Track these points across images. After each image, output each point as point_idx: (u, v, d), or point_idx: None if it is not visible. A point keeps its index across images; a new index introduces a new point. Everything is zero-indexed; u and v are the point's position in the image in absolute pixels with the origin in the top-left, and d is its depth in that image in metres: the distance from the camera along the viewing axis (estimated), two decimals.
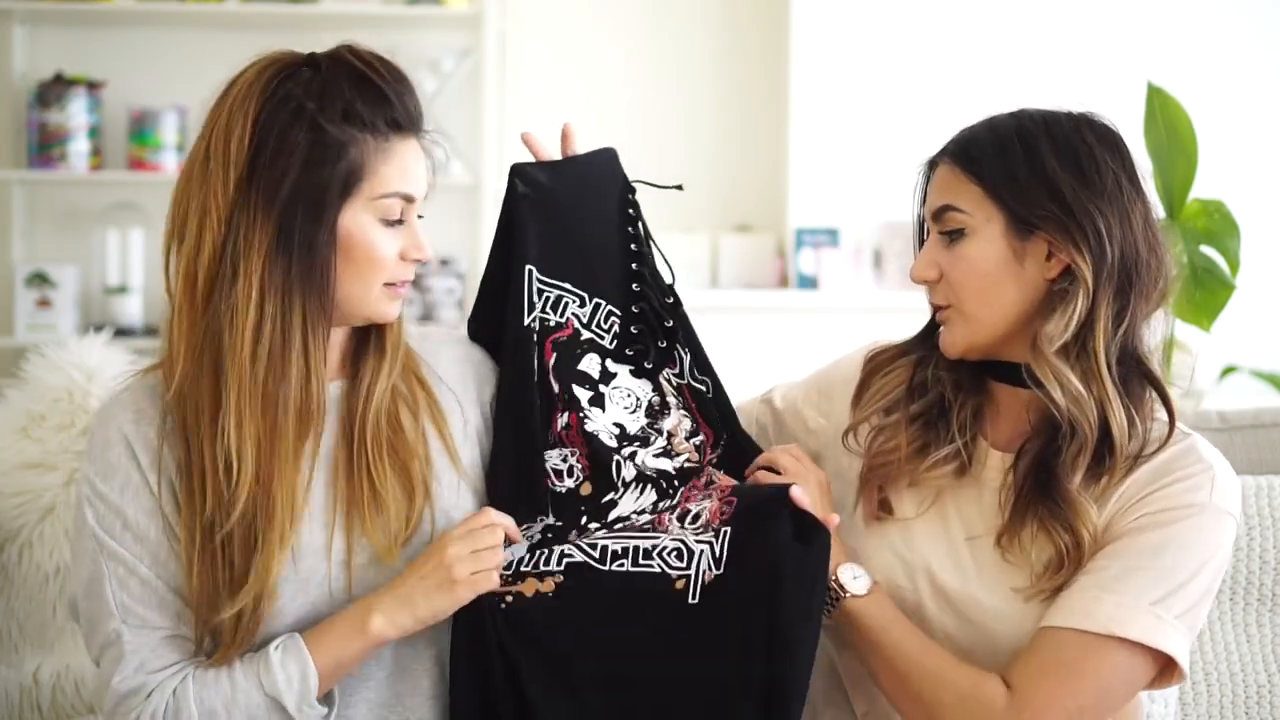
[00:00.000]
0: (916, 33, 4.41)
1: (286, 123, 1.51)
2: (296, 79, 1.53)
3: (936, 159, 1.64)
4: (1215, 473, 1.55)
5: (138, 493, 1.52)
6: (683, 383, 1.72)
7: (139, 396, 1.56)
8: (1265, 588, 2.04)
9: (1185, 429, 1.59)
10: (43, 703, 2.08)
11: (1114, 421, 1.52)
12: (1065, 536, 1.52)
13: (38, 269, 4.35)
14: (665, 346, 1.71)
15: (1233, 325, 2.76)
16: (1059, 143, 1.56)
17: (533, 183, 1.70)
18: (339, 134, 1.51)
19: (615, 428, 1.67)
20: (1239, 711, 2.03)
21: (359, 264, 1.54)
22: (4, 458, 2.11)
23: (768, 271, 4.43)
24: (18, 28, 4.44)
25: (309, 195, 1.50)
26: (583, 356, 1.69)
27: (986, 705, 1.50)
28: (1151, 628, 1.49)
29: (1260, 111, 4.42)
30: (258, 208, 1.50)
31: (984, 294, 1.58)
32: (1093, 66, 4.30)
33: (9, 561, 2.09)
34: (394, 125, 1.54)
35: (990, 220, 1.57)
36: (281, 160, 1.50)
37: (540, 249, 1.69)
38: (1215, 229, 2.58)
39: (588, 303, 1.71)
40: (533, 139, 1.74)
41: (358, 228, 1.53)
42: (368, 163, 1.52)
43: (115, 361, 2.17)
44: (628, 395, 1.69)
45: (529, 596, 1.59)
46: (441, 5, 4.37)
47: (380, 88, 1.53)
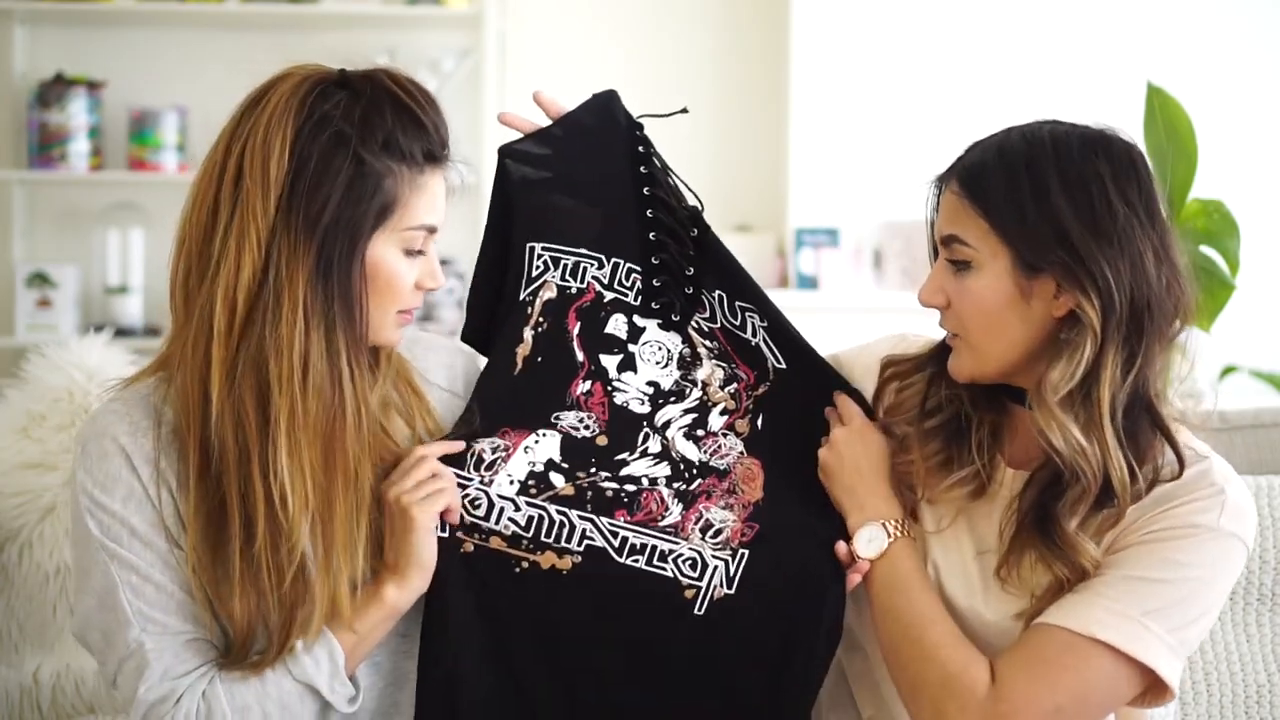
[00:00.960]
0: (917, 33, 4.41)
1: (327, 149, 1.49)
2: (331, 100, 1.50)
3: (945, 177, 1.58)
4: (1227, 497, 1.51)
5: (140, 504, 1.50)
6: (715, 326, 1.70)
7: (131, 407, 1.53)
8: (1265, 588, 2.04)
9: (1203, 451, 1.56)
10: (43, 703, 2.07)
11: (1114, 475, 1.49)
12: (1064, 569, 1.51)
13: (38, 269, 4.35)
14: (692, 293, 1.69)
15: (1233, 325, 2.76)
16: (1069, 177, 1.49)
17: (527, 158, 1.68)
18: (378, 165, 1.50)
19: (649, 388, 1.66)
20: (1239, 711, 2.02)
21: (380, 293, 1.53)
22: (4, 458, 2.11)
23: (768, 271, 4.43)
24: (18, 28, 4.44)
25: (348, 225, 1.49)
26: (608, 319, 1.68)
27: (966, 690, 1.50)
28: (1135, 636, 1.47)
29: (1260, 111, 4.42)
30: (299, 234, 1.48)
31: (989, 329, 1.54)
32: (1093, 66, 4.30)
33: (9, 561, 2.09)
34: (429, 158, 1.53)
35: (996, 256, 1.52)
36: (324, 188, 1.48)
37: (546, 223, 1.67)
38: (1215, 229, 2.58)
39: (606, 263, 1.68)
40: (512, 117, 1.73)
41: (384, 258, 1.53)
42: (401, 195, 1.52)
43: (115, 361, 2.17)
44: (659, 349, 1.68)
45: (544, 569, 1.59)
46: (441, 5, 4.37)
47: (420, 119, 1.53)
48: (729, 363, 1.69)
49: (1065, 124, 1.55)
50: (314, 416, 1.48)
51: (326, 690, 1.51)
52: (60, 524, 2.09)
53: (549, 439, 1.64)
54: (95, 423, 1.54)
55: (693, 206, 1.72)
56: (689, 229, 1.70)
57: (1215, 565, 1.51)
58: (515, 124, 1.73)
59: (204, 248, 1.50)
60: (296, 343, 1.47)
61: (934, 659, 1.52)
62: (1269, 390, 4.13)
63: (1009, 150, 1.53)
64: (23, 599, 2.09)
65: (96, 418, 1.54)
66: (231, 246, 1.48)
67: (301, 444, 1.47)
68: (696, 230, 1.70)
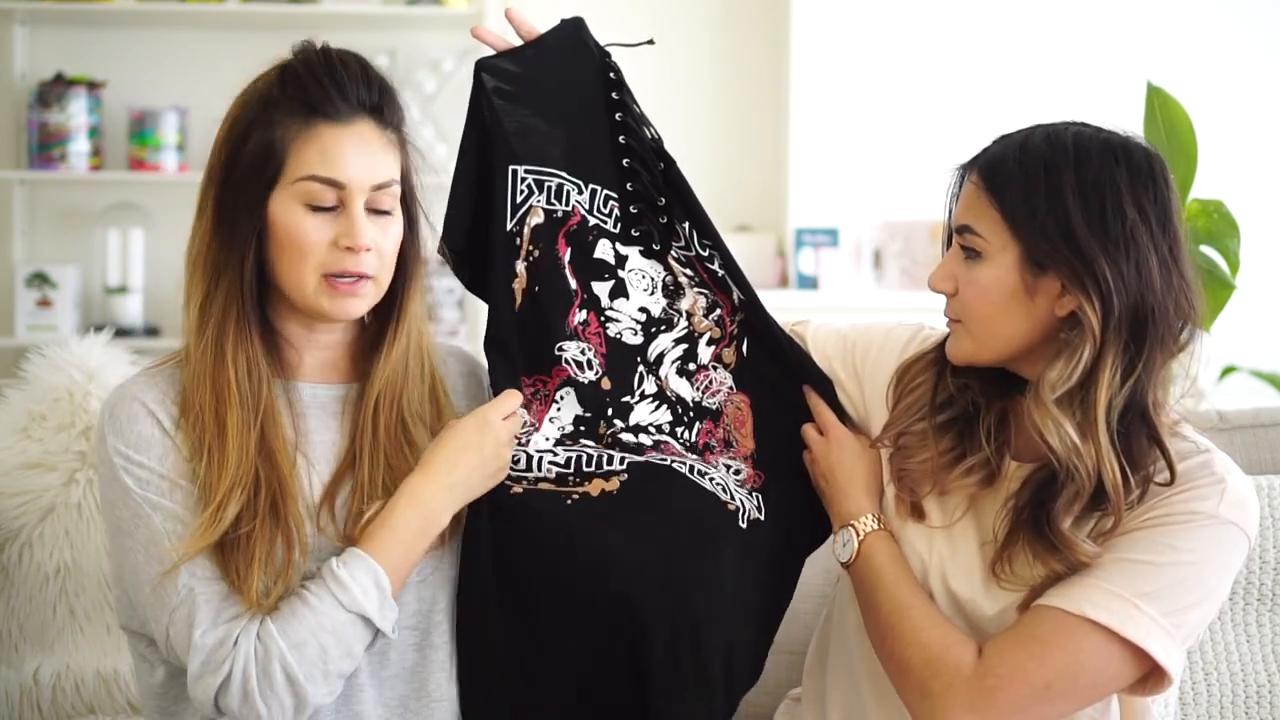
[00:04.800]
0: (917, 33, 4.41)
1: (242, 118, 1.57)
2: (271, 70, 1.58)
3: (968, 168, 1.61)
4: (1227, 485, 1.52)
5: (177, 461, 1.54)
6: (690, 255, 1.70)
7: (158, 380, 1.59)
8: (1265, 588, 2.03)
9: (1204, 444, 1.57)
10: (43, 703, 2.07)
11: (1106, 477, 1.50)
12: (1059, 565, 1.52)
13: (38, 269, 4.35)
14: (666, 223, 1.69)
15: (1233, 325, 2.76)
16: (1085, 180, 1.51)
17: (503, 74, 1.67)
18: (259, 119, 1.55)
19: (641, 314, 1.67)
20: (1239, 711, 2.02)
21: (286, 250, 1.55)
22: (4, 458, 2.11)
23: (768, 271, 4.43)
24: (18, 28, 4.44)
25: (234, 177, 1.55)
26: (595, 244, 1.67)
27: (952, 668, 1.51)
28: (1127, 617, 1.47)
29: (1260, 111, 4.42)
30: (208, 193, 1.57)
31: (991, 320, 1.56)
32: (1093, 66, 4.30)
33: (9, 561, 2.09)
34: (311, 109, 1.55)
35: (1006, 249, 1.54)
36: (225, 151, 1.57)
37: (526, 144, 1.65)
38: (1215, 229, 2.58)
39: (585, 189, 1.67)
40: (484, 31, 1.72)
41: (283, 212, 1.55)
42: (286, 145, 1.54)
43: (115, 361, 2.17)
44: (643, 277, 1.68)
45: (595, 495, 1.60)
46: (441, 5, 4.37)
47: (300, 76, 1.56)
48: (709, 290, 1.69)
49: (1091, 128, 1.56)
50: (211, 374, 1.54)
51: (377, 617, 1.52)
52: (60, 524, 2.09)
53: (569, 400, 1.65)
54: (121, 391, 1.58)
55: (655, 138, 1.72)
56: (655, 161, 1.70)
57: (1212, 551, 1.51)
58: (488, 39, 1.72)
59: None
60: (196, 298, 1.56)
61: (915, 642, 1.55)
62: (1269, 390, 4.13)
63: (1031, 148, 1.55)
64: (23, 599, 2.09)
65: (122, 388, 1.59)
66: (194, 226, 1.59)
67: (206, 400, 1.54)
68: (663, 164, 1.70)
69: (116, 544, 1.57)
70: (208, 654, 1.49)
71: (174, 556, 1.50)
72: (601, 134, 1.68)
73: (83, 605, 2.09)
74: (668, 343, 1.67)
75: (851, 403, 1.75)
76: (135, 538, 1.53)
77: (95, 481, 2.09)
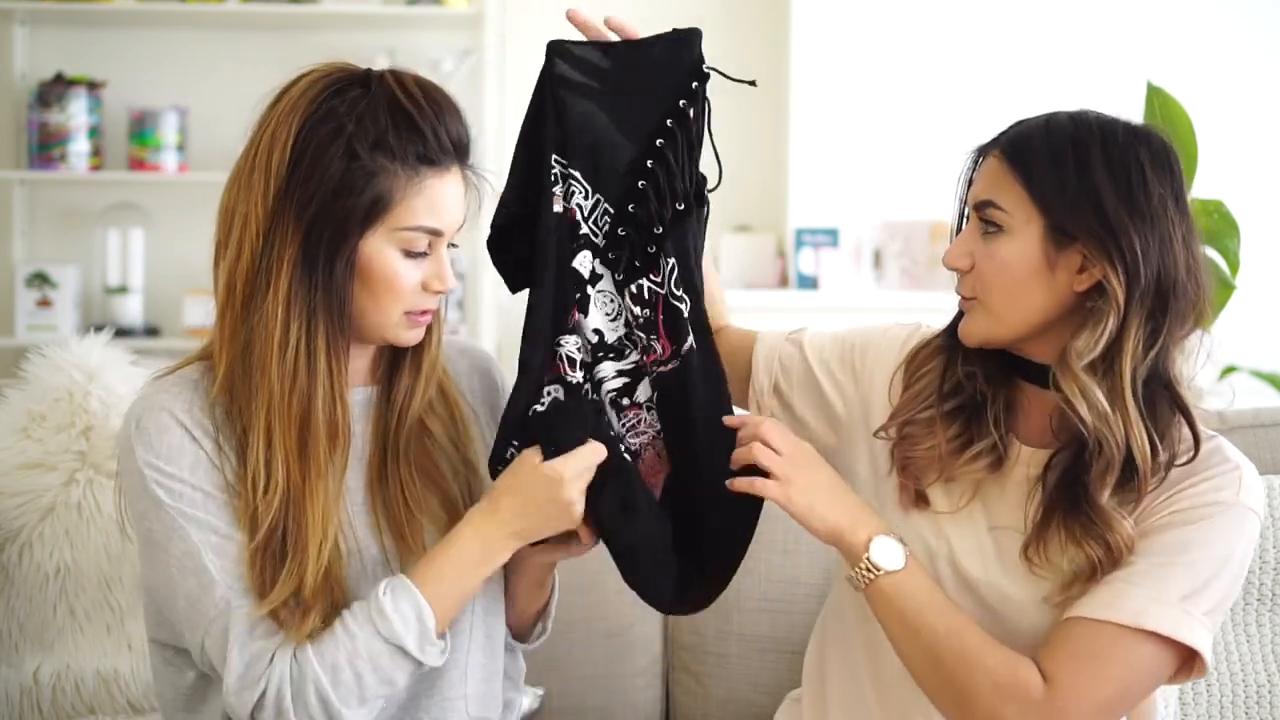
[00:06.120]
0: (916, 33, 4.41)
1: (323, 142, 1.51)
2: (345, 96, 1.52)
3: (988, 148, 1.63)
4: (1242, 472, 1.56)
5: (208, 470, 1.53)
6: (661, 293, 1.64)
7: (184, 388, 1.56)
8: (1265, 588, 2.04)
9: (1210, 431, 1.60)
10: (43, 703, 2.07)
11: (1135, 445, 1.52)
12: (1097, 548, 1.53)
13: (38, 269, 4.35)
14: (654, 252, 1.64)
15: (1233, 325, 2.76)
16: (1112, 156, 1.55)
17: (577, 61, 1.64)
18: (369, 162, 1.50)
19: (594, 335, 1.64)
20: (1239, 711, 2.02)
21: (376, 292, 1.54)
22: (4, 458, 2.10)
23: (768, 271, 4.43)
24: (18, 28, 4.44)
25: (334, 219, 1.51)
26: (577, 253, 1.64)
27: (1022, 692, 1.51)
28: (1179, 621, 1.50)
29: (1260, 111, 4.42)
30: (289, 223, 1.51)
31: (1011, 294, 1.58)
32: (1093, 66, 4.30)
33: (9, 561, 2.09)
34: (423, 159, 1.53)
35: (1029, 222, 1.56)
36: (314, 179, 1.50)
37: (563, 131, 1.63)
38: (1215, 229, 2.59)
39: (590, 196, 1.64)
40: (582, 16, 1.69)
41: (379, 257, 1.53)
42: (396, 194, 1.52)
43: (115, 361, 2.17)
44: (610, 300, 1.65)
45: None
46: (441, 5, 4.37)
47: (414, 119, 1.52)
48: (649, 334, 1.65)
49: (1109, 114, 1.61)
50: (289, 403, 1.51)
51: (416, 651, 1.51)
52: (60, 524, 2.09)
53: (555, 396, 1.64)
54: (147, 400, 1.56)
55: (701, 176, 1.68)
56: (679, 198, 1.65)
57: (1237, 539, 1.55)
58: (582, 24, 1.68)
59: (224, 236, 1.55)
60: (277, 329, 1.50)
61: (980, 666, 1.53)
62: (1269, 390, 4.13)
63: (1056, 127, 1.58)
64: (23, 599, 2.09)
65: (147, 396, 1.56)
66: (236, 233, 1.53)
67: (276, 430, 1.51)
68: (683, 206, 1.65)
69: (149, 556, 1.55)
70: (245, 669, 1.49)
71: (211, 570, 1.50)
72: (632, 150, 1.65)
73: (83, 605, 2.09)
74: (610, 371, 1.65)
75: (847, 403, 1.75)
76: (170, 551, 1.52)
77: (95, 481, 2.09)
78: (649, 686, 2.19)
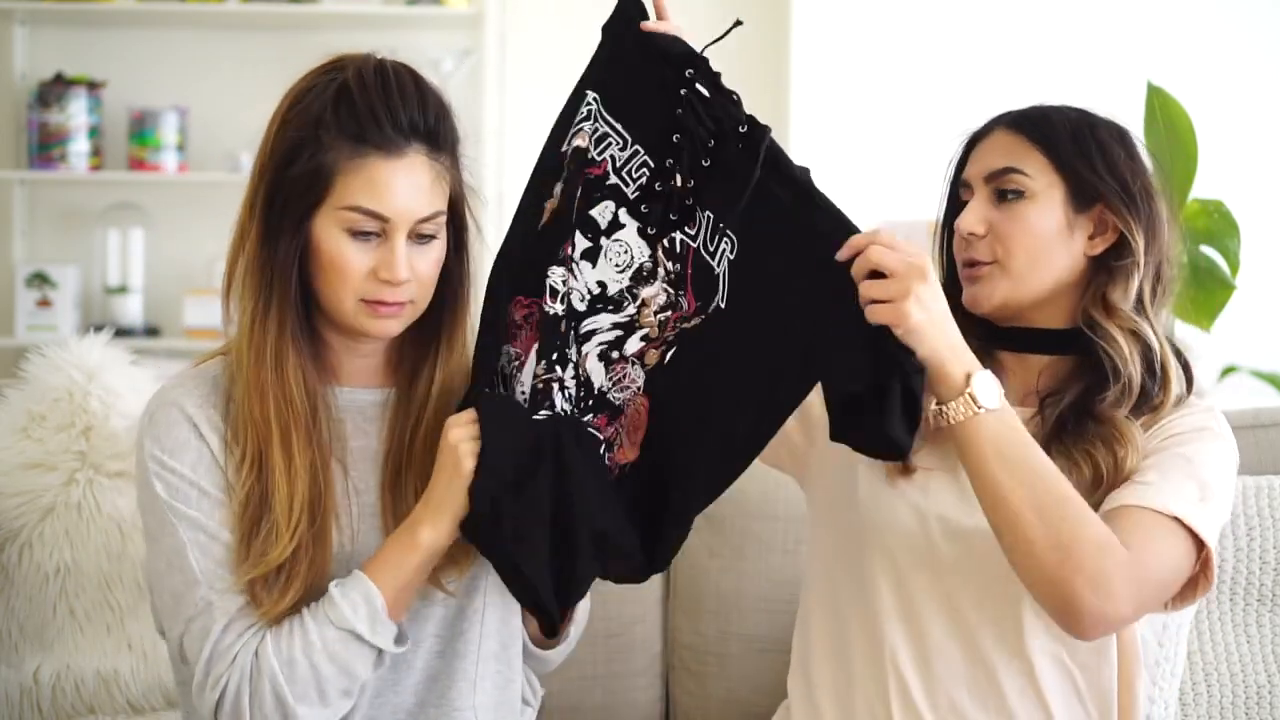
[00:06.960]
0: (916, 33, 4.41)
1: (286, 120, 1.54)
2: (320, 79, 1.55)
3: (990, 128, 1.72)
4: (1215, 411, 1.70)
5: (209, 468, 1.54)
6: (693, 246, 1.62)
7: (200, 383, 1.58)
8: (1265, 588, 2.04)
9: None
10: (43, 703, 2.07)
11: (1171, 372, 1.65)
12: (1107, 458, 1.60)
13: (38, 269, 4.35)
14: (690, 205, 1.62)
15: (1233, 325, 2.76)
16: (1115, 135, 1.70)
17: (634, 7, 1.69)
18: (309, 136, 1.52)
19: (596, 287, 1.63)
20: (1239, 711, 2.03)
21: (326, 273, 1.54)
22: (4, 458, 2.11)
23: None
24: (18, 28, 4.44)
25: (282, 194, 1.53)
26: (599, 203, 1.63)
27: (1120, 553, 1.51)
28: (1198, 512, 1.57)
29: (1260, 111, 4.42)
30: (258, 205, 1.55)
31: (1035, 257, 1.65)
32: (1093, 66, 4.30)
33: (9, 561, 2.09)
34: (361, 139, 1.51)
35: (1052, 187, 1.66)
36: (275, 155, 1.54)
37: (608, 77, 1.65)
38: (1215, 229, 2.59)
39: (629, 147, 1.64)
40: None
41: (325, 236, 1.53)
42: (337, 172, 1.51)
43: (115, 361, 2.17)
44: (624, 251, 1.64)
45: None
46: (441, 5, 4.37)
47: (356, 101, 1.52)
48: (678, 289, 1.63)
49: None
50: (259, 381, 1.54)
51: (368, 634, 1.51)
52: (60, 524, 2.09)
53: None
54: (162, 395, 1.58)
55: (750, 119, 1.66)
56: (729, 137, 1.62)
57: (1228, 459, 1.66)
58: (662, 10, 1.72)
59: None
60: (247, 311, 1.54)
61: (1088, 519, 1.50)
62: (1269, 390, 4.13)
63: (1063, 109, 1.72)
64: (23, 599, 2.09)
65: (163, 391, 1.59)
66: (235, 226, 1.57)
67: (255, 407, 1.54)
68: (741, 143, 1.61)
69: (147, 548, 1.58)
70: (208, 665, 1.50)
71: (195, 569, 1.51)
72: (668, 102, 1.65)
73: (83, 605, 2.09)
74: (605, 323, 1.64)
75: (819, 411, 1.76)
76: (160, 544, 1.54)
77: (95, 481, 2.10)
78: (649, 686, 2.20)
